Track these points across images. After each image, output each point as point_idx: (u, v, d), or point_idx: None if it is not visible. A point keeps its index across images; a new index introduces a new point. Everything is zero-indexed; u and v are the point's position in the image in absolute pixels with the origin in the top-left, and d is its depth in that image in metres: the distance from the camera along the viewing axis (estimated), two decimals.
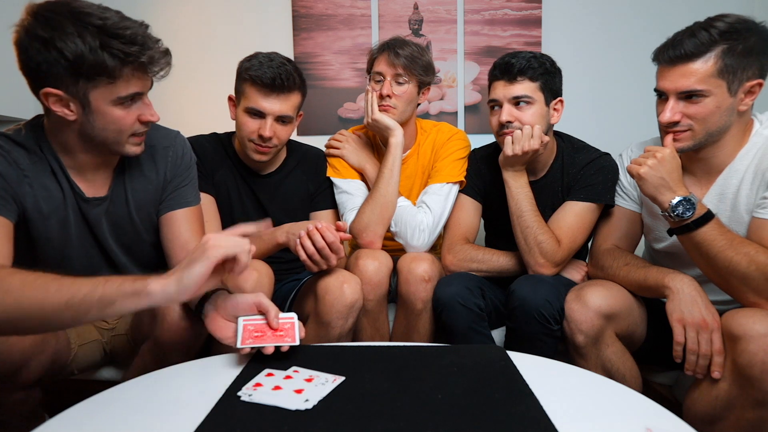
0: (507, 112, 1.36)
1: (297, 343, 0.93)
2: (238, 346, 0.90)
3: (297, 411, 0.73)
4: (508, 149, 1.35)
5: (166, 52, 0.99)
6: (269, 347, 0.90)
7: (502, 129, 1.38)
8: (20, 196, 0.99)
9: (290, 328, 0.94)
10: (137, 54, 0.92)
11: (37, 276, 0.78)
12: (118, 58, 0.91)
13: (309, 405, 0.74)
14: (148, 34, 0.96)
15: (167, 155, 1.18)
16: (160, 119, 1.07)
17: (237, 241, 0.85)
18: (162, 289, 0.79)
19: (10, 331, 0.82)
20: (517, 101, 1.36)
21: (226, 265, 0.86)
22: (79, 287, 0.77)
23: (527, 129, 1.33)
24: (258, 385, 0.81)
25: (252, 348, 0.91)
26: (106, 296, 0.77)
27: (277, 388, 0.80)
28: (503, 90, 1.37)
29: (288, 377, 0.84)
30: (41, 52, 0.89)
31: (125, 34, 0.91)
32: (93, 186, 1.09)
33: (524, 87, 1.35)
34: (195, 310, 1.00)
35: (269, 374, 0.85)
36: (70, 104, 0.94)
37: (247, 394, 0.77)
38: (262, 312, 0.95)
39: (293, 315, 0.96)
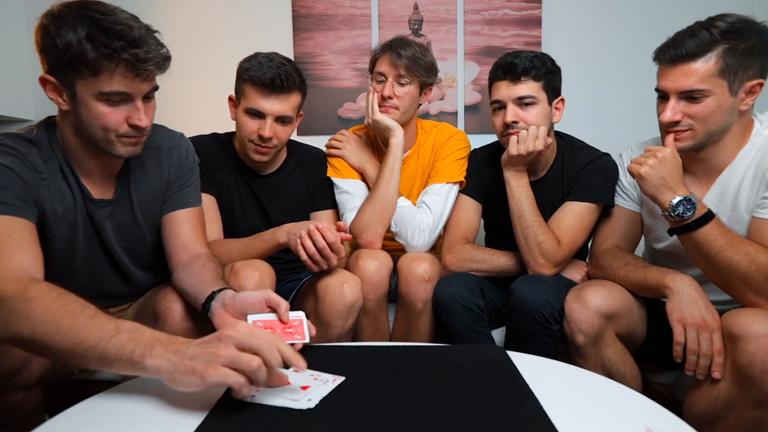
0: (511, 113, 1.36)
1: (307, 340, 0.92)
2: None
3: (297, 411, 0.73)
4: (513, 149, 1.35)
5: (164, 58, 0.98)
6: None
7: (506, 129, 1.38)
8: (40, 199, 1.00)
9: (299, 326, 0.94)
10: (119, 49, 0.92)
11: (61, 305, 0.77)
12: (98, 50, 0.91)
13: (311, 404, 0.74)
14: (145, 36, 0.95)
15: (172, 156, 1.19)
16: (160, 119, 1.07)
17: (244, 366, 0.71)
18: (157, 371, 0.73)
19: (21, 348, 0.82)
20: (521, 101, 1.36)
21: None
22: (86, 336, 0.75)
23: (533, 129, 1.33)
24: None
25: None
26: (105, 356, 0.74)
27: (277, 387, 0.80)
28: (507, 90, 1.36)
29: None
30: (43, 39, 0.94)
31: (114, 29, 0.92)
32: (100, 188, 1.09)
33: (528, 87, 1.35)
34: (201, 308, 1.00)
35: None
36: (63, 93, 0.97)
37: (248, 396, 0.77)
38: (271, 308, 0.95)
39: (301, 313, 0.96)
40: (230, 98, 1.45)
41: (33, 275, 0.88)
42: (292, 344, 0.91)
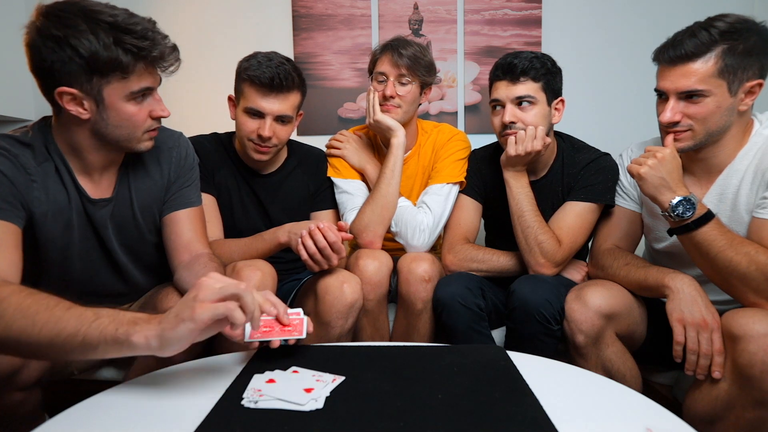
0: (510, 113, 1.36)
1: (304, 336, 0.93)
2: (246, 340, 0.89)
3: (297, 411, 0.73)
4: (511, 149, 1.35)
5: (175, 48, 1.00)
6: (275, 341, 0.90)
7: (505, 129, 1.38)
8: (28, 201, 0.99)
9: (299, 324, 0.94)
10: (149, 48, 0.94)
11: (34, 301, 0.76)
12: (132, 53, 0.92)
13: (319, 405, 0.74)
14: (156, 29, 0.97)
15: (171, 156, 1.19)
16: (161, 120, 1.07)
17: (230, 290, 0.77)
18: (145, 343, 0.74)
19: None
20: (519, 101, 1.36)
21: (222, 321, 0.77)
22: (65, 325, 0.73)
23: (531, 130, 1.33)
24: (259, 390, 0.80)
25: (260, 342, 0.90)
26: (87, 341, 0.73)
27: (277, 384, 0.80)
28: (506, 90, 1.37)
29: (289, 379, 0.84)
30: (55, 51, 0.90)
31: (136, 29, 0.93)
32: (98, 187, 1.09)
33: (527, 87, 1.35)
34: None
35: (270, 380, 0.84)
36: (84, 102, 0.96)
37: (252, 401, 0.76)
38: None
39: (300, 310, 0.96)
40: (230, 98, 1.45)
41: (5, 279, 0.86)
42: (287, 340, 0.91)
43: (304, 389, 0.79)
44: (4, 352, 0.80)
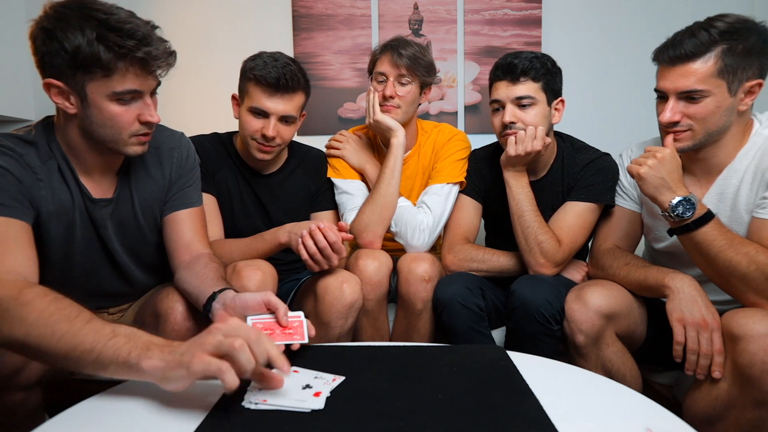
0: (510, 113, 1.36)
1: (306, 341, 0.92)
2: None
3: (296, 411, 0.73)
4: (512, 149, 1.35)
5: (170, 53, 0.99)
6: (279, 345, 0.90)
7: (505, 129, 1.38)
8: (35, 200, 0.99)
9: (299, 326, 0.94)
10: (133, 48, 0.92)
11: (57, 309, 0.77)
12: (113, 51, 0.91)
13: (320, 405, 0.74)
14: (152, 32, 0.96)
15: (173, 156, 1.19)
16: (161, 120, 1.07)
17: (224, 348, 0.70)
18: (152, 371, 0.72)
19: (14, 352, 0.82)
20: (520, 102, 1.36)
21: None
22: (82, 339, 0.74)
23: (531, 130, 1.34)
24: (260, 390, 0.80)
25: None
26: (100, 360, 0.74)
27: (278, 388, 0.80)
28: (506, 90, 1.37)
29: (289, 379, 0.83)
30: (45, 43, 0.91)
31: (124, 28, 0.92)
32: (100, 187, 1.09)
33: (527, 87, 1.35)
34: (203, 309, 1.00)
35: None
36: (71, 97, 0.96)
37: (252, 401, 0.76)
38: (271, 310, 0.95)
39: (301, 313, 0.96)
40: (233, 97, 1.44)
41: (28, 278, 0.87)
42: (289, 344, 0.91)
43: (302, 388, 0.79)
44: (24, 354, 0.81)
